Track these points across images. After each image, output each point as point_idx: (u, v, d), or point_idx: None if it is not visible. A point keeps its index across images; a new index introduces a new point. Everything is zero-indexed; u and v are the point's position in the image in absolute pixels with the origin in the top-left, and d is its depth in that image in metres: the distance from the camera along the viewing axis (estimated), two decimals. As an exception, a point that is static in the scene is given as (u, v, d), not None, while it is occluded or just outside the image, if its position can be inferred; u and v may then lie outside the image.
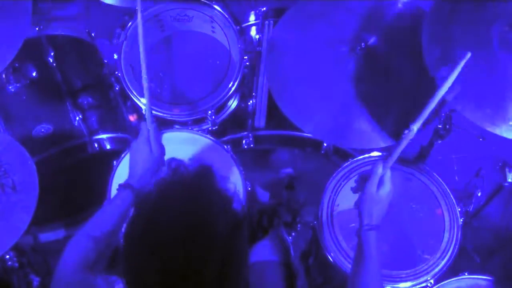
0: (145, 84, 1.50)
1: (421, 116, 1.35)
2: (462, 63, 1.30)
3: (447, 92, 1.33)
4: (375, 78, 1.76)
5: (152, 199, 0.89)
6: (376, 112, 1.72)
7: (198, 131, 1.94)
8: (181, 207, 0.86)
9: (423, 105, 1.53)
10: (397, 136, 1.69)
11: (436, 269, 1.63)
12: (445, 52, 1.53)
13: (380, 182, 1.37)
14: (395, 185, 1.44)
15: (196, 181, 0.90)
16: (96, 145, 2.07)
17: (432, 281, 1.62)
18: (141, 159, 1.40)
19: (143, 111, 1.95)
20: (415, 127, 1.35)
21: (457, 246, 1.67)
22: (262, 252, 1.87)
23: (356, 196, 1.43)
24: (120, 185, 1.38)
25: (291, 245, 1.95)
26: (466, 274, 1.70)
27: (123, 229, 0.85)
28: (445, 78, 1.31)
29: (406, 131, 1.36)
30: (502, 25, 1.53)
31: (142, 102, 1.93)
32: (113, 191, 1.72)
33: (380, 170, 1.37)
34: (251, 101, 2.02)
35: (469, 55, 1.30)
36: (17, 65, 1.98)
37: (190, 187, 0.89)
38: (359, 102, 1.73)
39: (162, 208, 0.87)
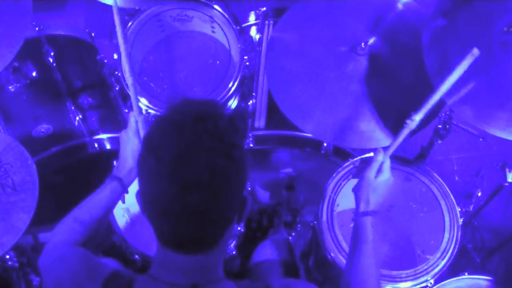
0: (129, 80, 1.50)
1: (424, 107, 1.35)
2: (470, 59, 1.30)
3: (449, 94, 1.33)
4: (375, 78, 1.76)
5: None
6: (376, 112, 1.72)
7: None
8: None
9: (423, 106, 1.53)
10: (396, 136, 1.70)
11: (436, 269, 1.63)
12: (445, 53, 1.53)
13: (379, 170, 1.39)
14: (395, 185, 1.45)
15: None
16: (96, 145, 2.07)
17: (432, 281, 1.62)
18: (131, 151, 1.39)
19: (143, 111, 1.95)
20: (417, 117, 1.36)
21: (457, 246, 1.67)
22: (267, 251, 1.87)
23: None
24: (110, 176, 1.39)
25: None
26: (466, 274, 1.70)
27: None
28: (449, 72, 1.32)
29: (408, 121, 1.37)
30: (502, 26, 1.52)
31: (142, 102, 1.93)
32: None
33: (380, 157, 1.39)
34: (251, 101, 2.02)
35: (476, 51, 1.30)
36: (17, 65, 1.98)
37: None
38: (359, 102, 1.73)
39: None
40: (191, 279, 0.98)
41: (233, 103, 2.07)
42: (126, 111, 2.20)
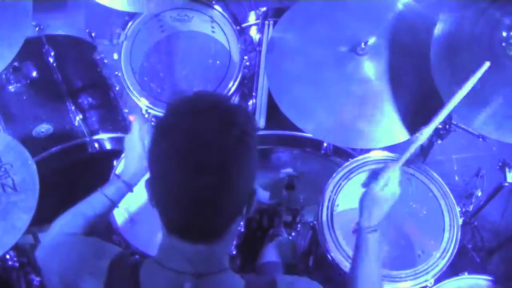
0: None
1: (434, 121, 1.34)
2: (481, 72, 1.31)
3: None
4: (375, 78, 1.76)
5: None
6: (376, 112, 1.72)
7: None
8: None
9: (423, 106, 1.53)
10: (396, 136, 1.70)
11: (436, 269, 1.63)
12: (450, 58, 1.54)
13: (387, 182, 1.36)
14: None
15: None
16: (96, 145, 2.07)
17: (432, 281, 1.62)
18: (135, 157, 1.39)
19: (143, 111, 1.95)
20: (426, 131, 1.34)
21: (457, 246, 1.67)
22: (274, 253, 1.88)
23: (358, 195, 1.43)
24: (114, 175, 1.40)
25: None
26: (466, 274, 1.70)
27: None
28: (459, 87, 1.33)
29: (417, 134, 1.36)
30: (504, 30, 1.52)
31: (142, 102, 1.94)
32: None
33: (390, 172, 1.37)
34: (251, 101, 2.02)
35: (487, 64, 1.30)
36: (17, 65, 1.98)
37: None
38: (359, 102, 1.74)
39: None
40: (196, 268, 0.98)
41: (233, 103, 2.07)
42: (126, 111, 2.20)
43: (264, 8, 2.17)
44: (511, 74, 1.48)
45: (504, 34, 1.49)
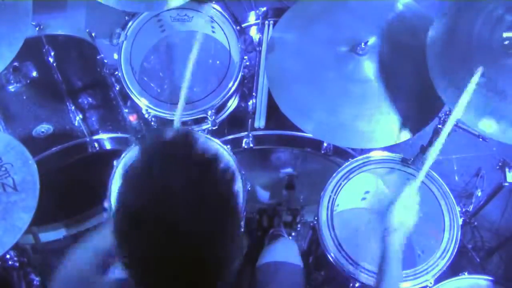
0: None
1: (439, 138, 1.40)
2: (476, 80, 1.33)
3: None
4: (375, 78, 1.76)
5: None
6: (376, 112, 1.72)
7: (198, 131, 1.94)
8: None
9: (423, 106, 1.53)
10: (396, 136, 1.70)
11: (436, 269, 1.63)
12: (449, 58, 1.53)
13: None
14: (396, 186, 1.45)
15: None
16: (96, 145, 2.07)
17: (432, 281, 1.62)
18: None
19: (143, 111, 1.95)
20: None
21: (457, 246, 1.67)
22: (274, 254, 1.87)
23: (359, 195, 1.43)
24: None
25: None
26: (466, 274, 1.70)
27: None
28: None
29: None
30: (503, 29, 1.51)
31: (142, 102, 1.94)
32: (113, 191, 1.72)
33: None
34: (251, 101, 2.02)
35: (480, 70, 1.31)
36: (17, 65, 1.98)
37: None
38: (358, 102, 1.74)
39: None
40: None
41: (233, 103, 2.08)
42: (126, 111, 2.20)
43: (264, 8, 2.17)
44: (511, 74, 1.48)
45: (504, 33, 1.49)
